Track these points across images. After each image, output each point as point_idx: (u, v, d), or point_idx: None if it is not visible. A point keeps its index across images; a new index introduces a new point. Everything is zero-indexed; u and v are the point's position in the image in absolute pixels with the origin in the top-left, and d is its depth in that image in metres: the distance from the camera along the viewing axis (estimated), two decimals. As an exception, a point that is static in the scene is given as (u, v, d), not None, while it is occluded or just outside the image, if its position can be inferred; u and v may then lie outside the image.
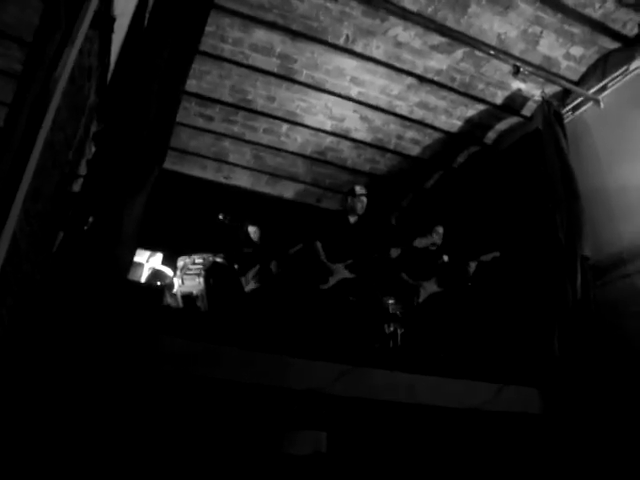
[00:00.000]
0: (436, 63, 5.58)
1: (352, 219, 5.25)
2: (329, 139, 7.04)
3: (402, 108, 6.33)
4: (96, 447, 2.33)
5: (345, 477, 3.49)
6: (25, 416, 2.23)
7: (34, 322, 2.42)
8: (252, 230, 6.29)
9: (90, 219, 2.94)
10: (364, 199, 5.23)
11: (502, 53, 5.22)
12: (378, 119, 6.60)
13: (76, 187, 3.31)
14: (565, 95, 5.75)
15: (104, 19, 2.64)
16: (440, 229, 5.78)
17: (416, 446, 3.71)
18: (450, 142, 6.94)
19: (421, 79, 5.81)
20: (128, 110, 3.31)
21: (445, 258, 5.53)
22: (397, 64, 5.61)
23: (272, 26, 5.14)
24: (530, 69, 5.29)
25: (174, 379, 3.05)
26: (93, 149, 3.54)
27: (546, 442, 3.99)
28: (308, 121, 6.64)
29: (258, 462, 3.28)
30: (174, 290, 5.87)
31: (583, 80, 5.54)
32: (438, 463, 3.70)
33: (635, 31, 4.98)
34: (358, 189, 5.32)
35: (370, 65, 5.65)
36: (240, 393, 3.27)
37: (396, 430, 3.70)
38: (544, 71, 5.44)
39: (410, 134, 6.87)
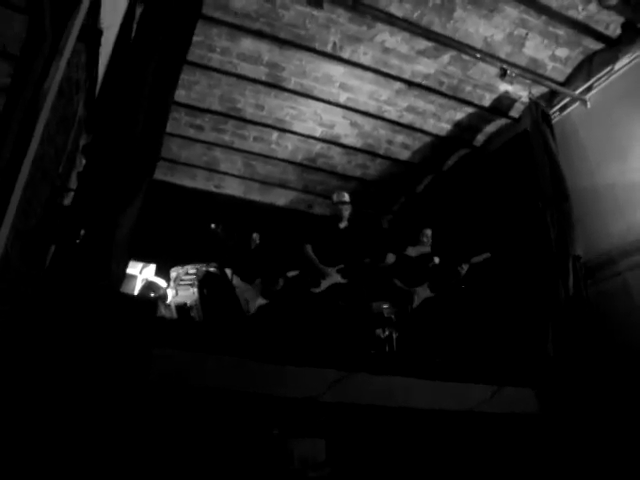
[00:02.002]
0: (423, 67, 5.62)
1: (342, 225, 5.27)
2: (319, 146, 7.06)
3: (391, 113, 6.37)
4: (90, 461, 2.31)
5: (344, 484, 3.48)
6: (18, 430, 2.21)
7: (28, 337, 2.40)
8: (254, 237, 6.27)
9: (82, 232, 2.92)
10: (342, 206, 5.24)
11: (488, 56, 5.27)
12: (367, 124, 6.63)
13: (67, 200, 3.30)
14: (552, 96, 5.81)
15: (91, 32, 2.65)
16: (428, 232, 5.82)
17: (414, 450, 3.70)
18: (440, 145, 6.98)
19: (409, 84, 5.85)
20: (117, 122, 3.31)
21: (436, 260, 5.55)
22: (385, 69, 5.65)
23: (259, 35, 5.17)
24: (517, 71, 5.34)
25: (170, 390, 3.03)
26: (83, 162, 3.53)
27: (543, 442, 4.00)
28: (298, 128, 6.67)
29: (256, 470, 3.26)
30: (168, 301, 5.84)
31: (569, 81, 5.61)
32: (436, 466, 3.69)
33: (618, 32, 5.05)
34: (335, 197, 5.36)
35: (358, 71, 5.69)
36: (237, 402, 3.26)
37: (394, 435, 3.69)
38: (530, 73, 5.49)
39: (400, 139, 6.90)
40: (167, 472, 2.89)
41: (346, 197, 5.32)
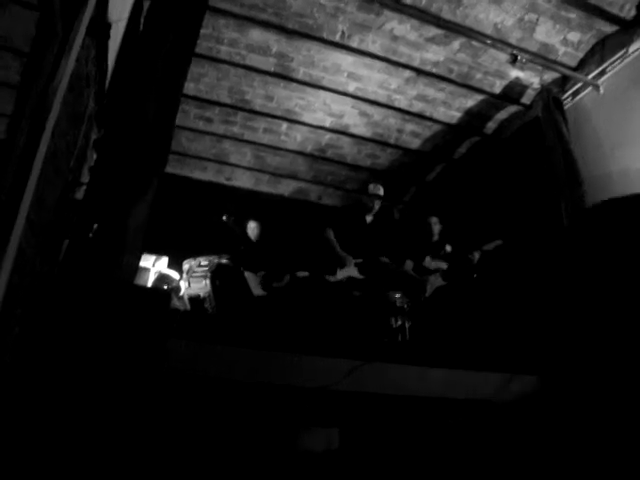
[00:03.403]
0: (433, 55, 5.57)
1: (369, 218, 5.22)
2: (329, 136, 7.04)
3: (401, 102, 6.32)
4: (107, 453, 2.34)
5: (358, 473, 3.51)
6: (36, 423, 2.25)
7: (44, 330, 2.43)
8: (252, 226, 6.26)
9: (95, 226, 2.95)
10: (377, 200, 5.20)
11: (499, 42, 5.20)
12: (377, 114, 6.59)
13: (79, 195, 3.32)
14: (564, 81, 5.72)
15: (100, 26, 2.65)
16: (434, 219, 5.78)
17: (428, 439, 3.71)
18: (450, 134, 6.93)
19: (419, 72, 5.80)
20: (127, 116, 3.32)
21: (448, 248, 5.52)
22: (394, 58, 5.60)
23: (267, 25, 5.15)
24: (528, 57, 5.27)
25: (185, 382, 3.06)
26: (94, 156, 3.56)
27: (553, 431, 3.99)
28: (307, 119, 6.65)
29: (271, 460, 3.29)
30: (181, 293, 5.88)
31: (581, 65, 5.51)
32: (450, 455, 3.71)
33: (632, 13, 4.94)
34: (371, 187, 5.30)
35: (367, 60, 5.65)
36: (251, 392, 3.28)
37: (408, 424, 3.71)
38: (542, 58, 5.41)
39: (410, 127, 6.86)
40: (181, 462, 2.93)
41: (382, 191, 5.28)
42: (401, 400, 3.68)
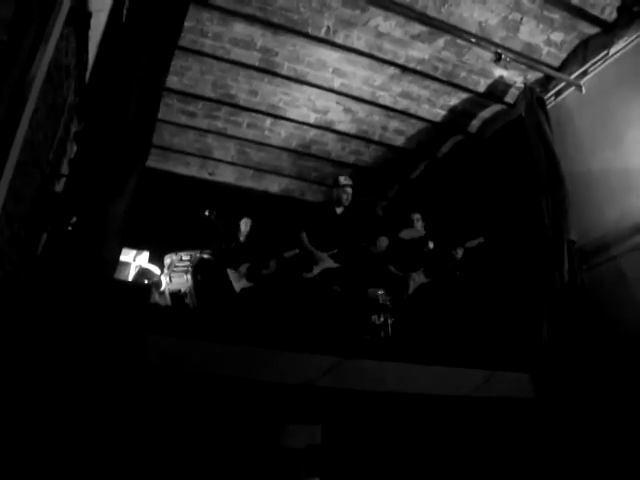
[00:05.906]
0: (418, 52, 5.57)
1: (339, 210, 5.25)
2: (313, 132, 7.01)
3: (385, 99, 6.32)
4: (84, 448, 2.31)
5: (340, 469, 3.51)
6: (11, 416, 2.21)
7: (20, 325, 2.39)
8: (245, 222, 6.20)
9: (74, 219, 2.90)
10: (349, 189, 5.23)
11: (483, 41, 5.22)
12: (362, 110, 6.58)
13: (59, 187, 3.27)
14: (547, 81, 5.78)
15: (80, 15, 2.60)
16: (417, 215, 5.82)
17: (409, 435, 3.72)
18: (434, 131, 6.94)
19: (403, 69, 5.80)
20: (108, 108, 3.27)
21: (430, 245, 5.55)
22: (379, 54, 5.59)
23: (252, 19, 5.10)
24: (512, 56, 5.30)
25: (165, 377, 3.03)
26: (74, 148, 3.50)
27: (538, 426, 4.03)
28: (291, 114, 6.61)
29: (253, 456, 3.28)
30: (162, 288, 5.82)
31: (564, 66, 5.57)
32: (431, 451, 3.72)
33: (614, 16, 5.01)
34: (342, 179, 5.34)
35: (352, 56, 5.63)
36: (232, 389, 3.26)
37: (389, 420, 3.71)
38: (525, 58, 5.45)
39: (394, 124, 6.86)
40: (159, 457, 2.90)
41: (351, 182, 5.33)
42: (383, 397, 3.68)
